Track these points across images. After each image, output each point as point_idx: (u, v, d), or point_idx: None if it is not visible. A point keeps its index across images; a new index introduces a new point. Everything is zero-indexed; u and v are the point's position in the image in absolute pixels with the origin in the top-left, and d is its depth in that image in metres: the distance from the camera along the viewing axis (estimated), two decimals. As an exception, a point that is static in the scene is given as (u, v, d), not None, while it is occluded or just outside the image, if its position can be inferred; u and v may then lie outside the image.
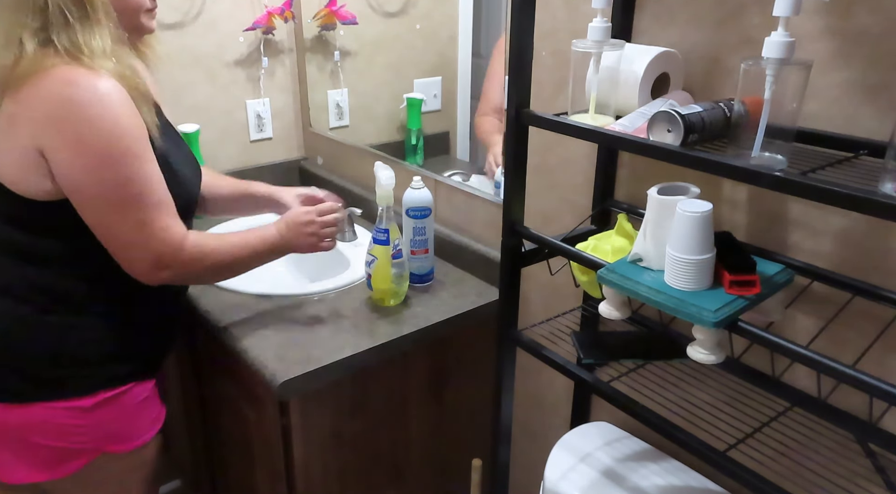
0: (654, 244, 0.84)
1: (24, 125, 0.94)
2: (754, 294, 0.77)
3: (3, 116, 0.96)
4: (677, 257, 0.78)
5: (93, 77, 0.93)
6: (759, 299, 0.78)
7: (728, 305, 0.76)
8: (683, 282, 0.79)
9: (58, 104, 0.92)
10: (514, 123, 0.97)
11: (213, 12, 1.78)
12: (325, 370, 1.17)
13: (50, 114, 0.92)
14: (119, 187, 0.96)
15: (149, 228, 1.00)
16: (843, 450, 0.88)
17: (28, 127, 0.93)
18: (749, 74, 0.75)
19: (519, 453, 1.52)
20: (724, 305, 0.76)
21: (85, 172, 0.95)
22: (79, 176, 0.95)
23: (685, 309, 0.77)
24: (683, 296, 0.78)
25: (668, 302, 0.79)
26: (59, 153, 0.94)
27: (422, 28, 1.59)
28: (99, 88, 0.93)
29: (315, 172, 2.00)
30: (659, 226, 0.83)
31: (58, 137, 0.93)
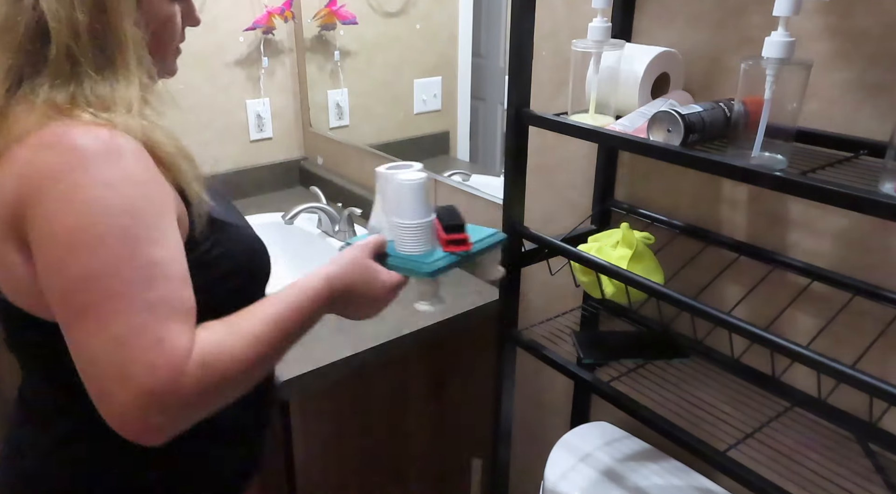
0: (382, 215, 0.91)
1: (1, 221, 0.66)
2: (464, 250, 0.88)
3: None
4: (398, 223, 0.86)
5: (83, 131, 0.64)
6: (470, 256, 0.90)
7: (442, 259, 0.86)
8: (408, 247, 0.87)
9: (28, 179, 0.63)
10: (514, 122, 0.97)
11: (213, 12, 1.78)
12: (325, 371, 1.17)
13: (20, 193, 0.63)
14: (84, 285, 0.61)
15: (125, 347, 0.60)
16: (843, 450, 0.88)
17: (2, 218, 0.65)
18: (749, 74, 0.75)
19: (519, 453, 1.52)
20: (438, 259, 0.86)
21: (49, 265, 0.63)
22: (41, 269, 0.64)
23: (406, 265, 0.86)
24: (413, 257, 0.87)
25: (393, 262, 0.87)
26: (32, 243, 0.64)
27: (422, 28, 1.59)
28: (87, 145, 0.63)
29: (315, 172, 2.00)
30: (385, 199, 0.90)
31: (29, 222, 0.63)
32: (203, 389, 0.63)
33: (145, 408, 0.60)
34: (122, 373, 0.60)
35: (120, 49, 0.68)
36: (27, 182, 0.63)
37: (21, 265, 0.66)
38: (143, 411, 0.61)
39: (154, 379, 0.60)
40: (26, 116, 0.65)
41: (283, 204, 1.80)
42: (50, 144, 0.63)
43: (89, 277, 0.61)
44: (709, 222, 1.01)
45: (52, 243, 0.62)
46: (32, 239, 0.64)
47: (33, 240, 0.64)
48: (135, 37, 0.69)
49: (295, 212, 1.62)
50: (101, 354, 0.61)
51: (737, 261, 0.96)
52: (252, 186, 1.98)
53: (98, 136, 0.64)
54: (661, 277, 0.98)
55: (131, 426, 0.62)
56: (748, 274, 0.97)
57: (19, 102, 0.66)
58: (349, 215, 1.64)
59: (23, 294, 0.69)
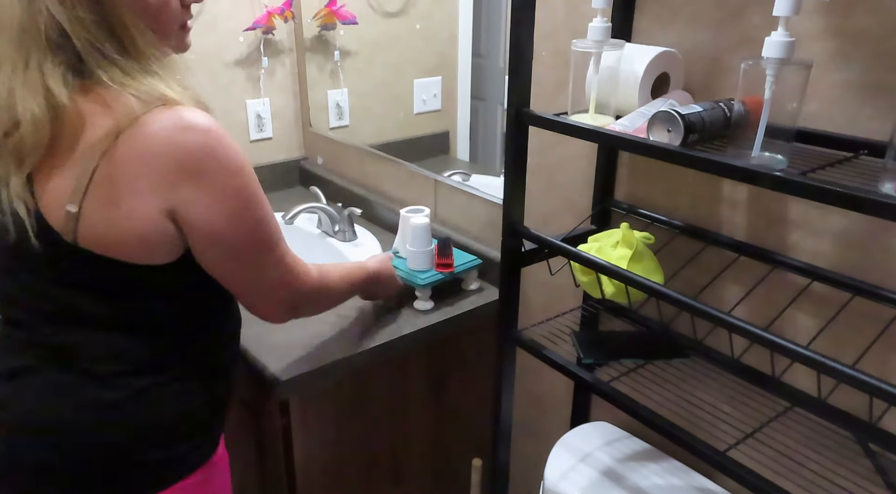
0: (402, 242, 1.39)
1: (144, 186, 0.79)
2: (449, 271, 1.34)
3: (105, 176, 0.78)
4: (410, 250, 1.33)
5: (196, 115, 0.80)
6: (453, 275, 1.36)
7: (434, 275, 1.33)
8: (415, 264, 1.33)
9: (184, 156, 0.79)
10: (514, 122, 0.97)
11: (213, 12, 1.78)
12: (325, 370, 1.17)
13: (179, 168, 0.79)
14: (259, 228, 0.88)
15: (286, 265, 0.94)
16: (843, 450, 0.88)
17: (152, 187, 0.79)
18: (749, 74, 0.75)
19: (519, 453, 1.52)
20: (430, 275, 1.32)
21: (227, 219, 0.84)
22: (222, 226, 0.84)
23: (411, 278, 1.33)
24: (414, 272, 1.33)
25: (403, 275, 1.34)
26: (199, 208, 0.81)
27: (422, 28, 1.59)
28: (212, 127, 0.81)
29: (315, 172, 2.00)
30: (403, 232, 1.39)
31: (194, 191, 0.80)
32: (320, 294, 1.04)
33: (294, 303, 0.99)
34: (287, 284, 0.96)
35: (126, 33, 0.80)
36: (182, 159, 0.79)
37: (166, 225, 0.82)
38: (293, 305, 0.99)
39: (300, 283, 0.97)
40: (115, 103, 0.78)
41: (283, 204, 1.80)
42: (184, 127, 0.79)
43: (262, 220, 0.88)
44: (709, 222, 1.02)
45: (227, 202, 0.83)
46: (198, 204, 0.81)
47: (199, 204, 0.81)
48: (133, 22, 0.80)
49: (295, 212, 1.61)
50: (271, 274, 0.93)
51: (737, 261, 0.96)
52: (252, 186, 1.98)
53: (204, 118, 0.81)
54: (661, 277, 0.98)
55: (282, 316, 1.00)
56: (748, 274, 0.97)
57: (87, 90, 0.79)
58: (349, 215, 1.64)
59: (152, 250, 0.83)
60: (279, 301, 0.97)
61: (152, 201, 0.79)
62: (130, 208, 0.79)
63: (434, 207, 1.59)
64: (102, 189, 0.78)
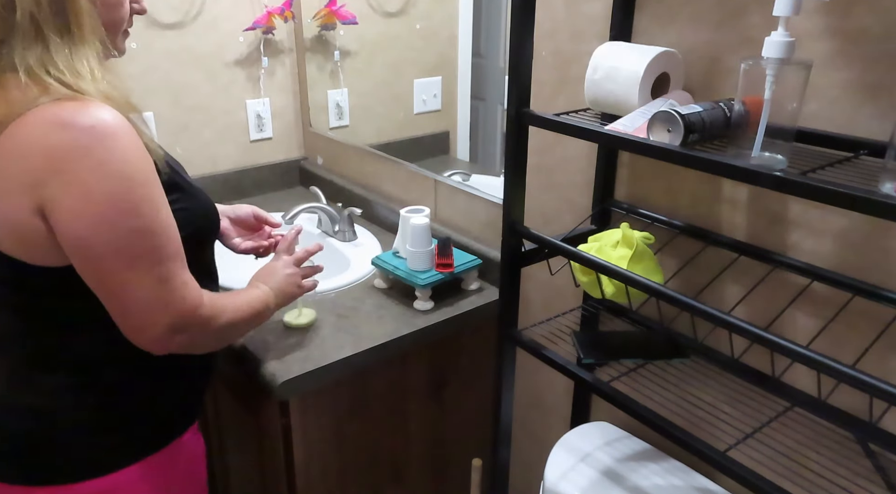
0: (402, 242, 1.39)
1: (15, 184, 0.77)
2: (449, 271, 1.34)
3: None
4: (410, 250, 1.33)
5: (87, 112, 0.77)
6: (453, 275, 1.35)
7: (434, 276, 1.32)
8: (415, 265, 1.34)
9: (54, 153, 0.76)
10: (514, 122, 0.97)
11: (213, 12, 1.78)
12: (325, 370, 1.17)
13: (46, 166, 0.76)
14: (136, 239, 0.81)
15: (169, 284, 0.84)
16: (843, 450, 0.88)
17: (21, 185, 0.77)
18: (749, 74, 0.75)
19: (519, 453, 1.52)
20: (430, 276, 1.32)
21: (94, 226, 0.78)
22: (86, 232, 0.79)
23: (410, 278, 1.32)
24: (414, 272, 1.33)
25: (404, 276, 1.33)
26: (62, 209, 0.78)
27: (422, 28, 1.59)
28: (98, 125, 0.76)
29: (315, 172, 2.00)
30: (403, 233, 1.39)
31: (59, 191, 0.77)
32: (209, 319, 0.90)
33: (175, 328, 0.86)
34: (163, 304, 0.84)
35: (75, 16, 0.79)
36: (51, 157, 0.75)
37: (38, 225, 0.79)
38: (173, 330, 0.86)
39: (184, 306, 0.86)
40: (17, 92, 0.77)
41: (283, 204, 1.80)
42: (62, 124, 0.76)
43: (141, 232, 0.81)
44: (709, 222, 1.02)
45: (93, 206, 0.77)
46: (61, 204, 0.77)
47: (63, 205, 0.77)
48: (88, 8, 0.80)
49: (295, 212, 1.61)
50: (148, 291, 0.83)
51: (737, 261, 0.96)
52: (252, 186, 1.98)
53: (97, 115, 0.77)
54: (660, 277, 0.98)
55: (159, 343, 0.87)
56: (748, 274, 0.97)
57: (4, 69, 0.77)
58: (349, 215, 1.64)
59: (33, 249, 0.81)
60: (155, 326, 0.84)
61: (23, 199, 0.77)
62: (5, 206, 0.78)
63: (434, 207, 1.59)
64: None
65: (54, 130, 0.76)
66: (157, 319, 0.84)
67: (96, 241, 0.79)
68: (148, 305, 0.83)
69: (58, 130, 0.76)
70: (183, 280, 0.86)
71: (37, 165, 0.76)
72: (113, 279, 0.82)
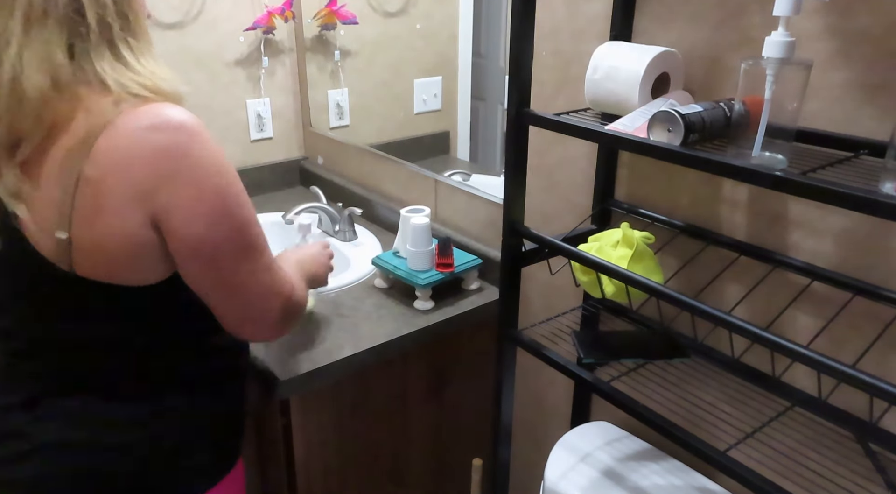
0: (402, 242, 1.39)
1: (122, 200, 0.76)
2: (449, 271, 1.34)
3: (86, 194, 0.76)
4: (410, 250, 1.34)
5: (169, 113, 0.77)
6: (454, 275, 1.36)
7: (434, 275, 1.32)
8: (415, 264, 1.34)
9: (157, 160, 0.75)
10: (514, 122, 0.97)
11: (213, 12, 1.78)
12: (325, 370, 1.17)
13: (153, 174, 0.75)
14: (245, 230, 0.82)
15: (273, 270, 0.86)
16: (843, 450, 0.88)
17: (130, 199, 0.76)
18: (749, 74, 0.75)
19: (519, 453, 1.52)
20: (430, 276, 1.32)
21: (211, 223, 0.79)
22: (204, 230, 0.78)
23: (410, 278, 1.33)
24: (414, 272, 1.33)
25: (404, 275, 1.34)
26: (178, 213, 0.77)
27: (422, 28, 1.59)
28: (185, 123, 0.77)
29: (315, 172, 2.00)
30: (403, 232, 1.39)
31: (171, 195, 0.76)
32: (301, 302, 0.93)
33: (285, 313, 0.89)
34: (276, 290, 0.87)
35: (134, 13, 0.81)
36: (155, 164, 0.75)
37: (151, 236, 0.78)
38: (284, 316, 0.89)
39: (288, 290, 0.89)
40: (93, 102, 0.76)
41: (283, 204, 1.80)
42: (155, 128, 0.76)
43: (245, 224, 0.82)
44: (709, 221, 1.02)
45: (206, 204, 0.78)
46: (177, 208, 0.77)
47: (178, 208, 0.77)
48: (141, 7, 0.83)
49: (295, 212, 1.62)
50: (263, 279, 0.85)
51: (737, 261, 0.96)
52: (252, 186, 1.98)
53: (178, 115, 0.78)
54: (660, 277, 0.99)
55: (275, 329, 0.89)
56: (748, 274, 0.97)
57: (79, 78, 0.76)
58: (349, 215, 1.64)
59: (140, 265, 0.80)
60: (272, 311, 0.87)
61: (135, 213, 0.76)
62: (114, 224, 0.76)
63: (434, 207, 1.59)
64: (86, 208, 0.76)
65: (149, 137, 0.75)
66: (273, 304, 0.87)
67: (214, 237, 0.80)
68: (265, 293, 0.86)
69: (153, 136, 0.75)
70: (279, 265, 0.89)
71: (142, 174, 0.75)
72: (233, 274, 0.83)
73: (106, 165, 0.75)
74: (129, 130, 0.75)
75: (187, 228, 0.78)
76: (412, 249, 1.33)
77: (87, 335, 0.84)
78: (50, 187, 0.76)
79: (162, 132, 0.76)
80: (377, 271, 1.43)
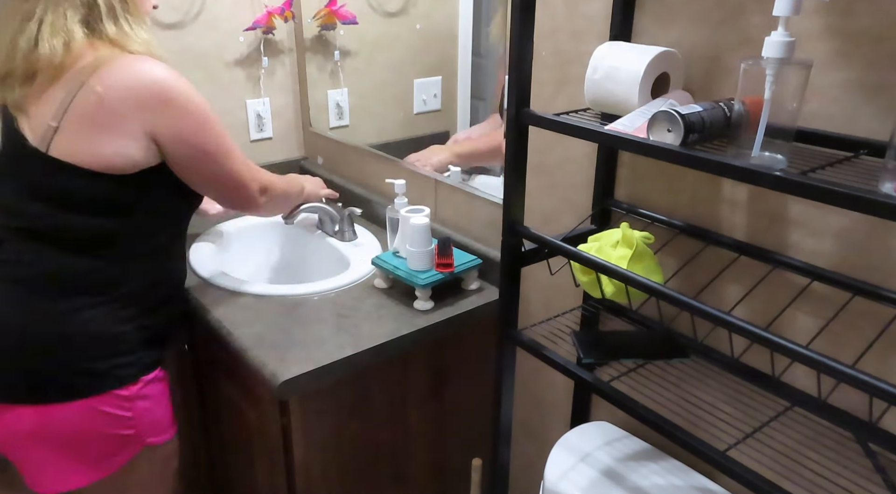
0: (402, 242, 1.40)
1: (126, 112, 1.05)
2: (449, 271, 1.34)
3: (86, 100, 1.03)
4: (410, 250, 1.34)
5: (158, 62, 1.08)
6: (454, 275, 1.36)
7: (434, 275, 1.33)
8: (415, 264, 1.34)
9: (158, 90, 1.06)
10: (514, 122, 0.97)
11: (213, 12, 1.78)
12: (325, 370, 1.17)
13: (155, 99, 1.06)
14: (224, 138, 1.17)
15: (248, 162, 1.24)
16: (843, 450, 0.88)
17: (133, 113, 1.05)
18: (749, 74, 0.75)
19: (519, 453, 1.52)
20: (430, 275, 1.33)
21: (197, 137, 1.11)
22: (193, 140, 1.11)
23: (410, 278, 1.33)
24: (414, 272, 1.34)
25: (403, 275, 1.34)
26: (174, 128, 1.08)
27: (422, 28, 1.59)
28: (170, 68, 1.09)
29: (315, 172, 2.00)
30: (403, 232, 1.40)
31: (169, 116, 1.07)
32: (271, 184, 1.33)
33: (262, 191, 1.29)
34: (252, 175, 1.26)
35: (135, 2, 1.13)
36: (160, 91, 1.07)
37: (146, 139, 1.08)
38: (261, 192, 1.29)
39: (260, 176, 1.30)
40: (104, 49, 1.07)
41: (283, 204, 1.80)
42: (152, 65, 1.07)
43: (221, 134, 1.17)
44: (709, 221, 1.02)
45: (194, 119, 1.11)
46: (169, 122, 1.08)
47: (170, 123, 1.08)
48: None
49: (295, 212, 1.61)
50: (243, 169, 1.23)
51: (737, 261, 0.96)
52: (252, 186, 1.98)
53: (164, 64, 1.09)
54: (660, 276, 0.98)
55: (257, 204, 1.30)
56: (748, 274, 0.97)
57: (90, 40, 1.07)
58: (349, 215, 1.64)
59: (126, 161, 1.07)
60: (253, 190, 1.26)
61: (136, 122, 1.05)
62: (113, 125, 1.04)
63: (434, 207, 1.59)
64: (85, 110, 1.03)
65: (151, 71, 1.06)
66: (253, 186, 1.26)
67: (203, 145, 1.13)
68: (247, 178, 1.24)
69: (154, 70, 1.07)
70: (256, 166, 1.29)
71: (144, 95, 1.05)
72: (220, 170, 1.18)
73: (110, 84, 1.04)
74: (131, 64, 1.06)
75: (181, 140, 1.10)
76: (412, 249, 1.33)
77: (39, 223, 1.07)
78: (55, 93, 1.05)
79: (160, 69, 1.07)
80: (377, 271, 1.43)
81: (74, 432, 1.08)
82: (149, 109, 1.05)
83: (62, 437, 1.08)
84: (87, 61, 1.04)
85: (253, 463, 1.41)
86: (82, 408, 1.08)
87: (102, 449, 1.12)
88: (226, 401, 1.46)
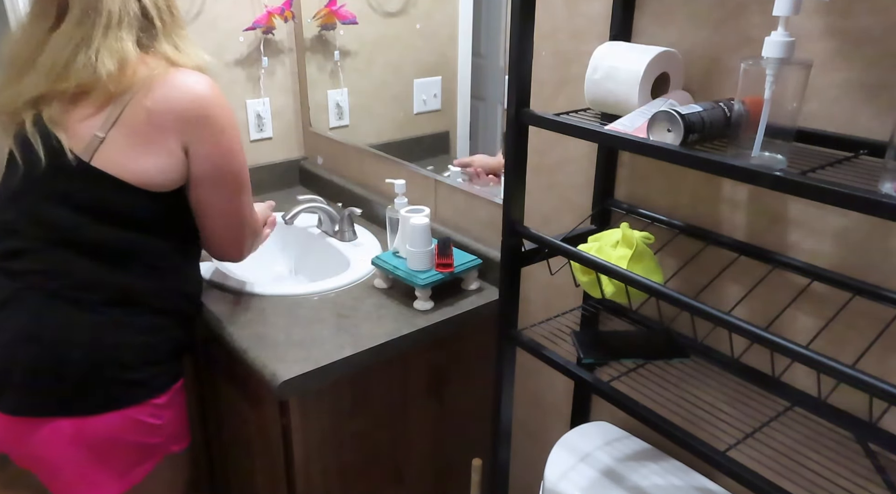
0: (402, 242, 1.40)
1: (169, 125, 1.06)
2: (449, 271, 1.34)
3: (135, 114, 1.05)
4: (410, 250, 1.34)
5: (203, 78, 1.10)
6: (453, 275, 1.36)
7: (434, 275, 1.33)
8: (414, 265, 1.34)
9: (200, 106, 1.08)
10: (514, 122, 0.97)
11: (213, 12, 1.78)
12: (325, 370, 1.17)
13: (195, 114, 1.07)
14: (245, 171, 1.17)
15: (251, 207, 1.23)
16: (843, 450, 0.88)
17: (174, 127, 1.06)
18: (749, 74, 0.75)
19: (519, 453, 1.52)
20: (430, 275, 1.33)
21: (224, 160, 1.12)
22: (219, 162, 1.12)
23: (410, 278, 1.33)
24: (414, 272, 1.34)
25: (403, 275, 1.34)
26: (206, 144, 1.09)
27: (422, 28, 1.59)
28: (214, 86, 1.11)
29: (315, 172, 2.00)
30: (403, 232, 1.40)
31: (205, 131, 1.09)
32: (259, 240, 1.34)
33: (253, 240, 1.28)
34: (253, 223, 1.25)
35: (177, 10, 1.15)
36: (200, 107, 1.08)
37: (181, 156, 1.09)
38: (252, 242, 1.28)
39: (257, 224, 1.28)
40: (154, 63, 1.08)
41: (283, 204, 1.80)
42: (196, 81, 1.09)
43: (244, 165, 1.18)
44: (709, 221, 1.02)
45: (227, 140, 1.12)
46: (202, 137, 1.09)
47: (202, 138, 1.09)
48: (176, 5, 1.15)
49: (295, 211, 1.62)
50: (245, 212, 1.22)
51: (737, 261, 0.96)
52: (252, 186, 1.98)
53: (208, 80, 1.11)
54: (660, 277, 0.98)
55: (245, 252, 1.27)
56: (748, 274, 0.97)
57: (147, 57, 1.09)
58: (349, 215, 1.64)
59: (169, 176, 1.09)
60: (245, 236, 1.24)
61: (173, 134, 1.07)
62: (156, 141, 1.06)
63: (434, 207, 1.59)
64: (133, 124, 1.05)
65: (192, 84, 1.08)
66: (248, 232, 1.24)
67: (222, 171, 1.13)
68: (248, 220, 1.22)
69: (195, 84, 1.08)
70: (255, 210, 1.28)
71: (185, 113, 1.07)
72: (227, 202, 1.17)
73: (157, 99, 1.05)
74: (177, 78, 1.08)
75: (205, 160, 1.10)
76: (412, 249, 1.33)
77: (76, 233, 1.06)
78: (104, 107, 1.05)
79: (203, 84, 1.09)
80: (377, 271, 1.43)
81: (109, 442, 1.08)
82: (187, 123, 1.07)
83: (97, 448, 1.08)
84: (139, 77, 1.05)
85: (253, 463, 1.41)
86: (122, 418, 1.07)
87: (132, 459, 1.12)
88: (226, 401, 1.46)
